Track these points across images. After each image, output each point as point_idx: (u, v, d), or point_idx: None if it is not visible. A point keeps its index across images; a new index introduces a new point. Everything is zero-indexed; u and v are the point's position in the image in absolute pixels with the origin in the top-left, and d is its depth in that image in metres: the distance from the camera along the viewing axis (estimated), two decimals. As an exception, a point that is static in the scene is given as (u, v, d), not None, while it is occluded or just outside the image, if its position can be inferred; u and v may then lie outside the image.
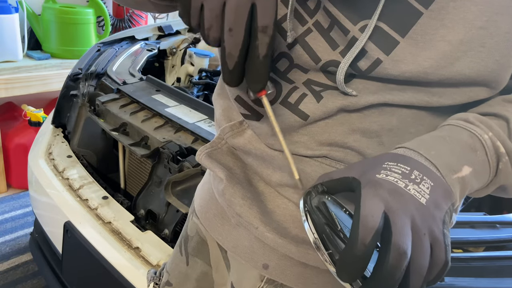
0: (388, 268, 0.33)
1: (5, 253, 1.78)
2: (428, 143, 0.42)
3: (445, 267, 0.35)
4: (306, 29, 0.46)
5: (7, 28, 2.05)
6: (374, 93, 0.45)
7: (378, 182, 0.37)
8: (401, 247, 0.33)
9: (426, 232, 0.35)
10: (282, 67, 0.48)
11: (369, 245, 0.33)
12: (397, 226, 0.34)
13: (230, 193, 0.53)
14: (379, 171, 0.38)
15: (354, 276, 0.35)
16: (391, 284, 0.33)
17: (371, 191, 0.36)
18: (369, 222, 0.33)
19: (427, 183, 0.37)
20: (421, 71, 0.41)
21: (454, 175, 0.39)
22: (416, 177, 0.37)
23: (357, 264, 0.34)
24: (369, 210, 0.34)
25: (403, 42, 0.41)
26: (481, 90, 0.44)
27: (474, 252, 0.98)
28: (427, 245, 0.34)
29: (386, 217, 0.34)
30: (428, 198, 0.36)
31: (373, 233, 0.33)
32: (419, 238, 0.34)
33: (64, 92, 1.52)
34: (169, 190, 1.12)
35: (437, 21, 0.40)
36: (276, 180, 0.51)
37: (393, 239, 0.33)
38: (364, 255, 0.33)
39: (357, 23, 0.43)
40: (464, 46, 0.40)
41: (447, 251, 0.35)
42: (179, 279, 0.70)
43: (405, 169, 0.38)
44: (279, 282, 0.55)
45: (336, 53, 0.45)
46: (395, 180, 0.37)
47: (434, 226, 0.35)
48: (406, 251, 0.33)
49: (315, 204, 0.40)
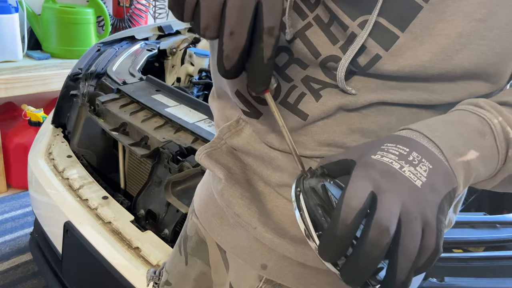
0: (367, 245, 0.32)
1: (5, 253, 1.78)
2: (434, 125, 0.40)
3: (436, 253, 0.34)
4: (307, 23, 0.45)
5: (7, 28, 2.05)
6: (373, 91, 0.45)
7: (371, 163, 0.36)
8: (383, 224, 0.32)
9: (418, 215, 0.33)
10: (280, 62, 0.48)
11: (351, 225, 0.32)
12: (383, 204, 0.33)
13: (229, 193, 0.53)
14: (376, 152, 0.37)
15: (335, 256, 0.34)
16: (370, 262, 0.32)
17: (362, 172, 0.35)
18: (352, 202, 0.33)
19: (425, 166, 0.36)
20: (420, 65, 0.41)
21: (459, 158, 0.38)
22: (414, 159, 0.36)
23: (337, 244, 0.33)
24: (354, 190, 0.33)
25: (403, 36, 0.41)
26: (482, 86, 0.43)
27: (474, 252, 0.98)
28: (418, 229, 0.33)
29: (374, 197, 0.33)
30: (424, 181, 0.35)
31: (356, 213, 0.32)
32: (409, 221, 0.33)
33: (64, 92, 1.52)
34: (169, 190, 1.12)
35: (437, 15, 0.40)
36: (276, 180, 0.51)
37: (375, 216, 0.32)
38: (345, 235, 0.32)
39: (355, 18, 0.42)
40: (463, 39, 0.40)
41: (439, 237, 0.34)
42: (178, 279, 0.70)
43: (403, 151, 0.37)
44: (277, 282, 0.55)
45: (336, 48, 0.44)
46: (389, 161, 0.36)
47: (427, 210, 0.34)
48: (388, 229, 0.32)
49: (311, 185, 0.39)
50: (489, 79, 0.43)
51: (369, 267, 0.33)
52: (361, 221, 0.33)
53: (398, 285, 0.33)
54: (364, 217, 0.33)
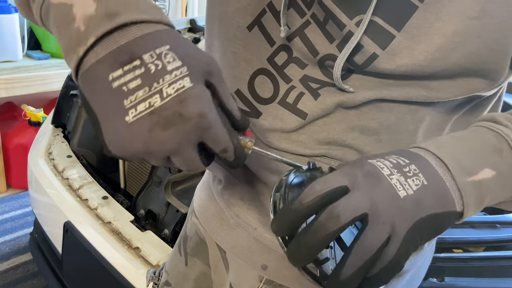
0: (315, 225, 0.32)
1: (5, 253, 1.78)
2: (444, 142, 0.38)
3: (393, 266, 0.32)
4: (305, 21, 0.45)
5: (7, 28, 2.05)
6: (371, 89, 0.45)
7: (362, 163, 0.35)
8: (334, 210, 0.31)
9: (387, 222, 0.32)
10: (280, 61, 0.48)
11: (306, 205, 0.32)
12: (347, 197, 0.32)
13: (229, 194, 0.53)
14: (376, 157, 0.36)
15: (284, 230, 0.34)
16: (313, 242, 0.32)
17: (349, 168, 0.35)
18: (317, 186, 0.33)
19: (419, 180, 0.34)
20: (416, 64, 0.41)
21: (468, 178, 0.35)
22: (410, 170, 0.34)
23: (288, 219, 0.33)
24: (326, 179, 0.33)
25: (399, 36, 0.41)
26: (479, 82, 0.43)
27: (474, 252, 0.98)
28: (382, 233, 0.32)
29: (346, 191, 0.33)
30: (410, 194, 0.33)
31: (314, 196, 0.32)
32: (375, 222, 0.32)
33: (64, 92, 1.52)
34: (169, 190, 1.12)
35: (433, 15, 0.40)
36: (275, 180, 0.51)
37: (333, 203, 0.32)
38: (297, 212, 0.32)
39: (353, 17, 0.43)
40: (458, 37, 0.40)
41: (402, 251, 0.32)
42: (178, 279, 0.70)
43: (402, 161, 0.35)
44: (277, 283, 0.55)
45: (333, 47, 0.44)
46: (381, 166, 0.35)
47: (400, 221, 0.32)
48: (339, 216, 0.31)
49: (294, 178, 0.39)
50: (487, 76, 0.43)
51: (312, 247, 0.32)
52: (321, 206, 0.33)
53: (342, 279, 0.32)
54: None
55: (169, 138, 0.31)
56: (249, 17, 0.48)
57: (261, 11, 0.47)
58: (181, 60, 0.32)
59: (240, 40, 0.49)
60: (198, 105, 0.31)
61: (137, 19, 0.32)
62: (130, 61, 0.31)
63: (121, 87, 0.30)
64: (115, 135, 0.31)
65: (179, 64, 0.31)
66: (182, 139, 0.32)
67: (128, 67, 0.30)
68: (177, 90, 0.31)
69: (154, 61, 0.31)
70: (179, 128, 0.31)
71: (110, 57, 0.31)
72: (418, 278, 0.63)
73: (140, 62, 0.31)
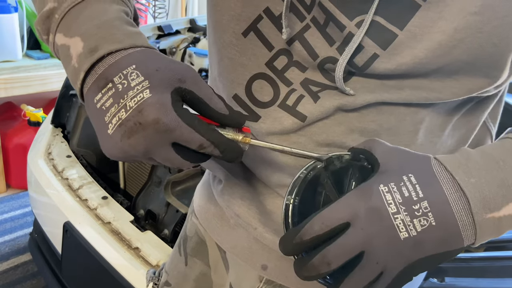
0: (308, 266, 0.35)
1: (4, 253, 1.78)
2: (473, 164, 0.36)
3: None
4: (305, 25, 0.45)
5: (6, 27, 2.05)
6: (372, 92, 0.44)
7: (371, 193, 0.35)
8: (327, 257, 0.34)
9: (380, 262, 0.33)
10: (280, 65, 0.48)
11: (305, 242, 0.35)
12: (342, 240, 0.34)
13: (229, 194, 0.53)
14: (390, 182, 0.35)
15: (286, 253, 0.37)
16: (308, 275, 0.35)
17: (355, 197, 0.35)
18: (316, 226, 0.35)
19: (427, 221, 0.33)
20: (417, 62, 0.41)
21: (489, 214, 0.34)
22: (420, 209, 0.33)
23: (290, 249, 0.36)
24: (328, 214, 0.35)
25: (402, 35, 0.41)
26: (481, 81, 0.43)
27: (474, 252, 0.98)
28: (374, 272, 0.34)
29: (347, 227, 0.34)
30: (412, 236, 0.33)
31: (311, 237, 0.35)
32: (368, 261, 0.34)
33: (63, 92, 1.52)
34: (169, 190, 1.12)
35: (435, 13, 0.40)
36: (275, 180, 0.51)
37: (327, 247, 0.34)
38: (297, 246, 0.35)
39: (353, 18, 0.42)
40: (459, 33, 0.40)
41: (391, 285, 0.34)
42: (178, 279, 0.70)
43: (415, 194, 0.34)
44: (278, 283, 0.55)
45: (333, 49, 0.44)
46: (389, 202, 0.34)
47: (394, 263, 0.33)
48: (330, 263, 0.34)
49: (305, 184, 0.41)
50: (489, 74, 0.42)
51: (309, 278, 0.35)
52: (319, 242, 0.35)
53: None
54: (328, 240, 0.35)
55: (136, 144, 0.35)
56: (244, 23, 0.48)
57: (256, 17, 0.47)
58: (143, 76, 0.36)
59: (236, 46, 0.49)
60: (153, 112, 0.35)
61: (111, 49, 0.37)
62: (105, 85, 0.36)
63: (101, 107, 0.36)
64: (104, 144, 0.37)
65: (142, 79, 0.36)
66: (148, 143, 0.36)
67: (104, 90, 0.36)
68: (137, 102, 0.35)
69: (121, 81, 0.36)
70: (140, 135, 0.35)
71: (93, 85, 0.37)
72: (419, 278, 0.63)
73: (112, 84, 0.36)
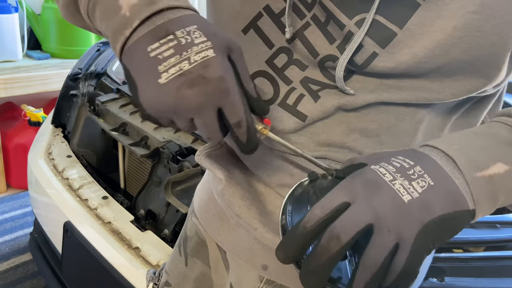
0: (317, 249, 0.33)
1: (4, 253, 1.78)
2: (454, 138, 0.38)
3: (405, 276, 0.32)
4: (305, 23, 0.46)
5: (6, 28, 2.05)
6: (372, 92, 0.45)
7: (363, 172, 0.36)
8: (334, 231, 0.32)
9: (391, 229, 0.32)
10: (280, 63, 0.48)
11: (310, 230, 0.33)
12: (346, 213, 0.33)
13: (229, 194, 0.53)
14: (380, 162, 0.36)
15: (290, 255, 0.34)
16: (320, 267, 0.33)
17: (348, 181, 0.36)
18: (316, 210, 0.34)
19: (424, 182, 0.34)
20: (416, 61, 0.41)
21: (478, 173, 0.35)
22: (415, 173, 0.34)
23: (294, 244, 0.34)
24: (326, 199, 0.34)
25: (401, 33, 0.41)
26: (479, 82, 0.43)
27: (474, 252, 0.98)
28: (388, 242, 0.32)
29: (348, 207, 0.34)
30: (415, 197, 0.33)
31: (315, 221, 0.33)
32: (379, 232, 0.32)
33: (63, 92, 1.52)
34: (169, 190, 1.12)
35: (434, 12, 0.40)
36: (276, 180, 0.51)
37: (332, 223, 0.33)
38: (302, 237, 0.33)
39: (353, 17, 0.43)
40: (458, 32, 0.40)
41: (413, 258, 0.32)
42: (178, 280, 0.70)
43: (407, 164, 0.35)
44: (278, 283, 0.55)
45: (333, 47, 0.45)
46: (383, 173, 0.35)
47: (406, 226, 0.32)
48: (339, 237, 0.32)
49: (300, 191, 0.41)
50: (487, 74, 0.43)
51: (321, 271, 0.33)
52: (324, 228, 0.33)
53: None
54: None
55: (193, 96, 0.36)
56: (244, 21, 0.48)
57: (256, 14, 0.47)
58: (206, 37, 0.37)
59: None
60: (219, 70, 0.36)
61: (171, 5, 0.38)
62: (165, 36, 0.36)
63: (157, 56, 0.36)
64: (149, 93, 0.37)
65: (205, 39, 0.37)
66: (204, 98, 0.36)
67: (163, 40, 0.36)
68: (202, 58, 0.36)
69: (184, 36, 0.37)
70: (201, 88, 0.36)
71: (149, 34, 0.37)
72: (418, 278, 0.63)
73: (173, 37, 0.36)
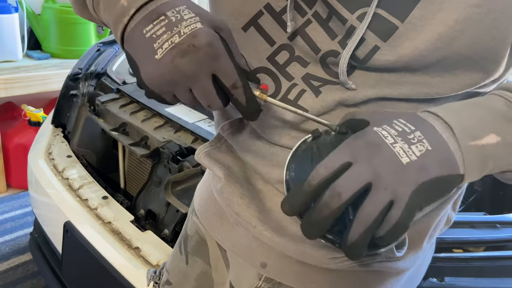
0: (320, 204, 0.36)
1: (4, 253, 1.78)
2: (453, 107, 0.40)
3: (398, 228, 0.35)
4: (306, 20, 0.46)
5: (6, 28, 2.05)
6: (373, 87, 0.45)
7: (366, 133, 0.38)
8: (336, 188, 0.35)
9: (388, 187, 0.34)
10: (281, 60, 0.48)
11: (314, 187, 0.36)
12: (348, 172, 0.35)
13: (229, 192, 0.53)
14: (382, 124, 0.38)
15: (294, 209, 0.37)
16: (321, 219, 0.36)
17: (351, 141, 0.37)
18: (321, 169, 0.36)
19: (423, 146, 0.36)
20: (417, 54, 0.41)
21: (472, 141, 0.37)
22: (415, 137, 0.36)
23: (298, 199, 0.37)
24: (330, 159, 0.36)
25: (402, 27, 0.42)
26: (478, 76, 0.44)
27: (474, 252, 0.98)
28: (383, 198, 0.34)
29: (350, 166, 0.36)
30: (413, 160, 0.35)
31: (319, 179, 0.36)
32: (376, 189, 0.35)
33: (64, 92, 1.52)
34: (169, 190, 1.12)
35: (436, 5, 0.40)
36: (276, 177, 0.51)
37: (335, 181, 0.35)
38: (306, 193, 0.36)
39: (354, 11, 0.43)
40: (460, 25, 0.40)
41: (406, 213, 0.34)
42: (179, 278, 0.70)
43: (408, 128, 0.37)
44: (277, 281, 0.55)
45: (335, 43, 0.45)
46: (385, 135, 0.37)
47: (402, 186, 0.34)
48: (340, 194, 0.34)
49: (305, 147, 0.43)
50: (487, 68, 0.43)
51: (321, 223, 0.36)
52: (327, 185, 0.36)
53: (349, 244, 0.35)
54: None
55: (186, 64, 0.39)
56: (244, 18, 0.49)
57: (257, 12, 0.48)
58: (194, 13, 0.40)
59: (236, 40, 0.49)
60: (207, 37, 0.39)
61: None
62: (157, 18, 0.40)
63: (152, 35, 0.39)
64: (148, 70, 0.40)
65: (193, 15, 0.40)
66: (197, 65, 0.39)
67: (156, 21, 0.40)
68: (191, 29, 0.39)
69: (174, 14, 0.40)
70: (192, 56, 0.38)
71: (144, 19, 0.40)
72: (418, 277, 0.63)
73: (164, 17, 0.40)
